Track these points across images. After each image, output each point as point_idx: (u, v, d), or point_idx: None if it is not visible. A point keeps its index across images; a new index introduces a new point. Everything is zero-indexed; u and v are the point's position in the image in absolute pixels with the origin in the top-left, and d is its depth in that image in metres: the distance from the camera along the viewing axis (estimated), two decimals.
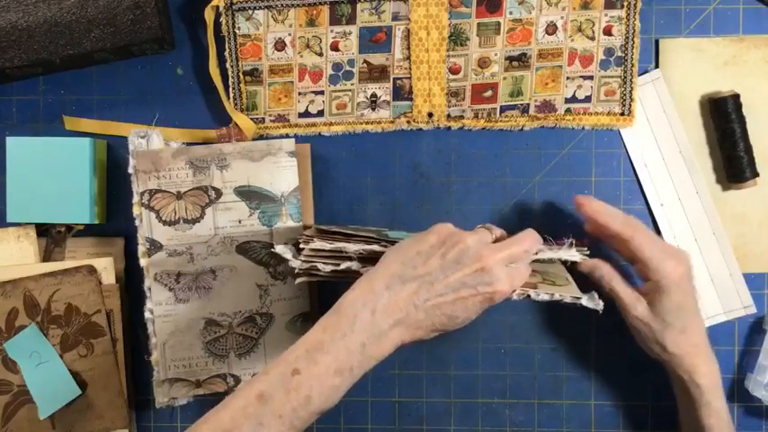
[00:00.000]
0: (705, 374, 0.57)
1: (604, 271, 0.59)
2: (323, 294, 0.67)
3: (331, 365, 0.48)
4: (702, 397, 0.57)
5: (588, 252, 0.59)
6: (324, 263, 0.55)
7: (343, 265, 0.55)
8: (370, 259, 0.54)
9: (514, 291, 0.52)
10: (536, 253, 0.54)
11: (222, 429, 0.47)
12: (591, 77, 0.65)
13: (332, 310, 0.50)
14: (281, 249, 0.58)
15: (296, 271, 0.57)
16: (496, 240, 0.55)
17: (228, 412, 0.48)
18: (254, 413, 0.47)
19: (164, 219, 0.63)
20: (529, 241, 0.54)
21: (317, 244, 0.55)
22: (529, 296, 0.53)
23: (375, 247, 0.54)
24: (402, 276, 0.50)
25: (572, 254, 0.57)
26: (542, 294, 0.53)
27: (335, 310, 0.50)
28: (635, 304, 0.57)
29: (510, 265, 0.52)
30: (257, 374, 0.50)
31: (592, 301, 0.55)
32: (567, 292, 0.55)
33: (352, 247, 0.55)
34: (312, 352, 0.48)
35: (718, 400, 0.57)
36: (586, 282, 0.59)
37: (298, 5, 0.65)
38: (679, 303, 0.56)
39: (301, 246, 0.57)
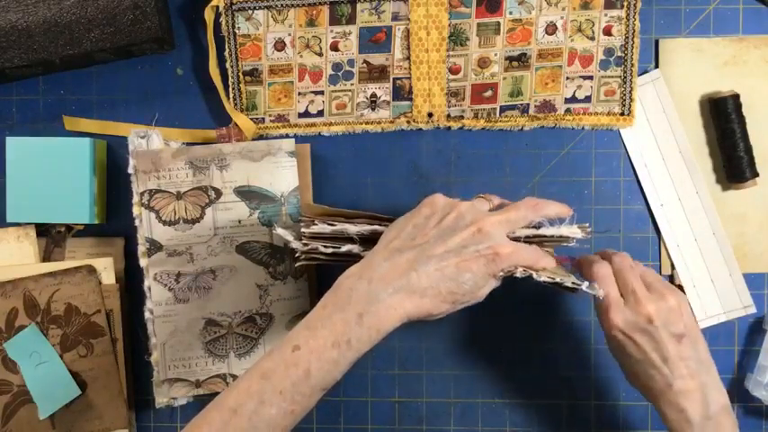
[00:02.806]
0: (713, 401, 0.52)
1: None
2: (323, 294, 0.67)
3: (328, 338, 0.48)
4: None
5: (590, 229, 0.56)
6: (324, 245, 0.55)
7: (345, 248, 0.55)
8: (372, 241, 0.54)
9: (518, 267, 0.51)
10: (538, 228, 0.53)
11: (228, 409, 0.47)
12: (591, 77, 0.65)
13: (333, 286, 0.50)
14: (282, 232, 0.58)
15: (296, 254, 0.57)
16: (496, 209, 0.54)
17: (233, 393, 0.48)
18: (256, 391, 0.47)
19: (164, 219, 0.63)
20: (525, 207, 0.52)
21: (318, 227, 0.55)
22: (531, 276, 0.52)
23: (377, 227, 0.54)
24: (400, 249, 0.50)
25: (574, 230, 0.55)
26: (544, 276, 0.52)
27: (335, 285, 0.50)
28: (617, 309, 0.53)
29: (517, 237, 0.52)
30: (263, 355, 0.50)
31: (592, 289, 0.54)
32: (569, 279, 0.54)
33: (353, 229, 0.54)
34: (311, 327, 0.48)
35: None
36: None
37: (297, 5, 0.65)
38: (619, 347, 0.53)
39: (302, 229, 0.56)
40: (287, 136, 0.67)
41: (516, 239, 0.53)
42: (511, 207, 0.52)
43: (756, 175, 0.64)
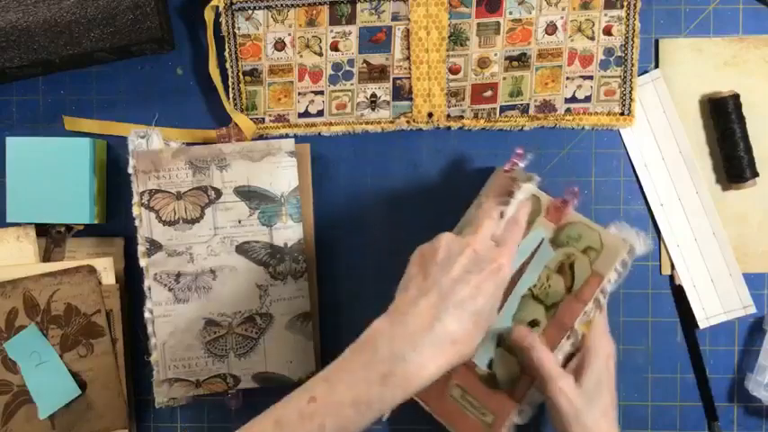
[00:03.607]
0: None
1: (531, 340, 0.54)
2: (323, 294, 0.67)
3: (347, 395, 0.45)
4: None
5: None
6: None
7: None
8: None
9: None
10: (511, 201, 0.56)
11: None
12: (591, 77, 0.65)
13: (360, 337, 0.48)
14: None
15: None
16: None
17: None
18: None
19: (163, 219, 0.63)
20: (487, 212, 0.54)
21: None
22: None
23: None
24: (415, 300, 0.48)
25: (531, 189, 0.57)
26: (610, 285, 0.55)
27: (362, 337, 0.48)
28: (561, 376, 0.53)
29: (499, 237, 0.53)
30: (280, 400, 0.48)
31: (642, 245, 0.55)
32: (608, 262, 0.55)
33: None
34: (330, 380, 0.46)
35: None
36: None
37: (297, 5, 0.65)
38: (601, 380, 0.54)
39: None
40: (287, 136, 0.67)
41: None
42: (481, 221, 0.53)
43: (756, 175, 0.64)
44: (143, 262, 0.64)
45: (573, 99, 0.66)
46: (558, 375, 0.53)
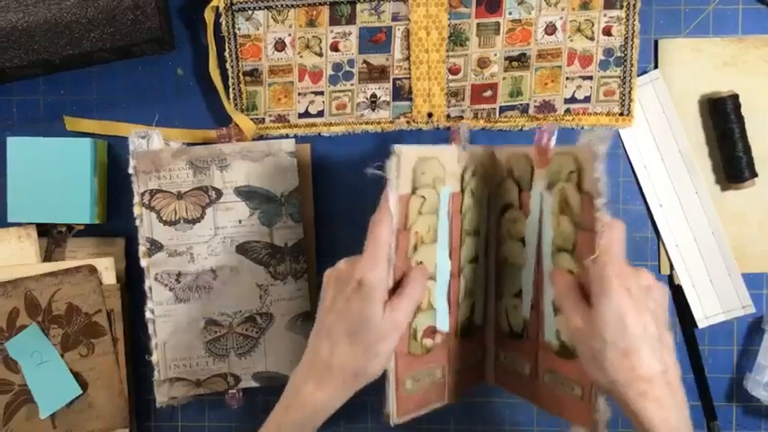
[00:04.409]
0: (656, 421, 0.45)
1: (558, 281, 0.52)
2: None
3: (271, 424, 0.52)
4: None
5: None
6: None
7: None
8: None
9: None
10: None
11: None
12: (590, 78, 0.65)
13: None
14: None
15: None
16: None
17: None
18: None
19: (164, 219, 0.64)
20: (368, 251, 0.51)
21: None
22: None
23: None
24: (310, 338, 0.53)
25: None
26: None
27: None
28: (577, 314, 0.48)
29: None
30: None
31: (600, 139, 0.49)
32: None
33: None
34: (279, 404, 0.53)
35: None
36: None
37: (297, 6, 0.65)
38: (621, 315, 0.46)
39: None
40: (287, 136, 0.67)
41: None
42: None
43: (755, 175, 0.65)
44: (144, 262, 0.64)
45: (572, 99, 0.66)
46: (571, 314, 0.48)
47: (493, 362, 0.63)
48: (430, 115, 0.66)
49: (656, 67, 0.66)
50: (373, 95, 0.67)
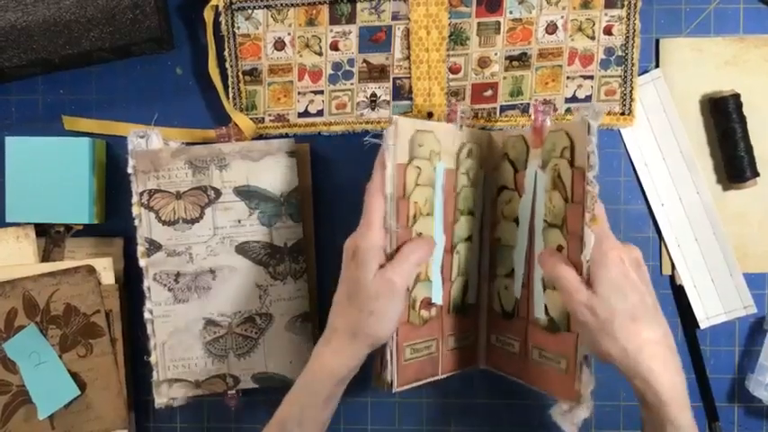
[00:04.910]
0: (666, 384, 0.49)
1: (549, 259, 0.54)
2: (322, 294, 0.67)
3: (296, 386, 0.56)
4: (665, 413, 0.49)
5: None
6: None
7: None
8: None
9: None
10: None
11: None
12: (591, 77, 0.65)
13: None
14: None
15: None
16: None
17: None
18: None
19: (163, 219, 0.63)
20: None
21: None
22: None
23: None
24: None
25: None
26: None
27: None
28: (579, 290, 0.50)
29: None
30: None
31: (593, 113, 0.51)
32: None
33: None
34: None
35: (684, 417, 0.49)
36: None
37: (297, 5, 0.65)
38: (621, 285, 0.49)
39: None
40: (286, 136, 0.67)
41: None
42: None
43: (757, 174, 0.64)
44: (142, 262, 0.63)
45: (573, 99, 0.66)
46: (575, 289, 0.50)
47: (485, 345, 0.64)
48: (430, 114, 0.66)
49: (657, 66, 0.66)
50: (373, 95, 0.66)
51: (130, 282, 0.67)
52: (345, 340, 0.53)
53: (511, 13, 0.65)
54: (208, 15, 0.65)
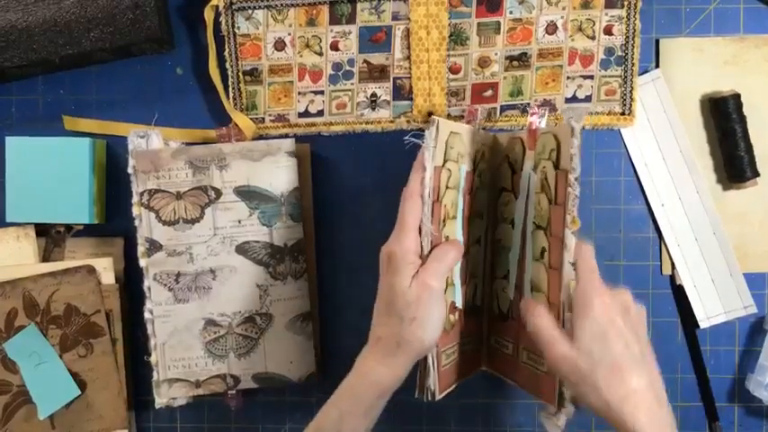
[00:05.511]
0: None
1: (528, 307, 0.53)
2: (322, 294, 0.67)
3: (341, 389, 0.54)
4: None
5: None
6: None
7: None
8: None
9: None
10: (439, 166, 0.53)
11: None
12: (591, 77, 0.65)
13: None
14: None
15: None
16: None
17: None
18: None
19: (163, 219, 0.63)
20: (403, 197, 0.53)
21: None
22: None
23: None
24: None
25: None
26: None
27: None
28: (557, 341, 0.49)
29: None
30: None
31: (576, 115, 0.51)
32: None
33: None
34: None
35: None
36: None
37: (297, 5, 0.65)
38: (604, 333, 0.48)
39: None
40: (287, 136, 0.67)
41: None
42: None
43: (757, 174, 0.64)
44: (143, 262, 0.63)
45: (573, 99, 0.66)
46: (554, 341, 0.49)
47: (486, 347, 0.64)
48: (430, 114, 0.66)
49: (657, 66, 0.66)
50: (373, 95, 0.66)
51: (131, 282, 0.67)
52: (390, 350, 0.51)
53: (511, 13, 0.65)
54: (208, 15, 0.65)
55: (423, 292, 0.50)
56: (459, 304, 0.58)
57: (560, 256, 0.51)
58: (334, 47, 0.66)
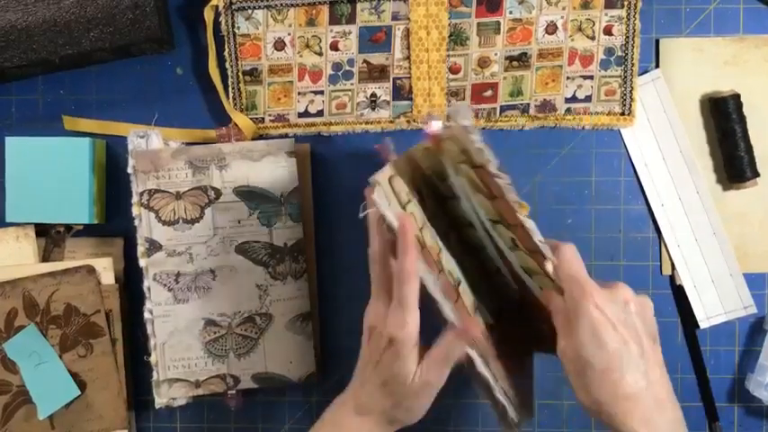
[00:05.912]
0: None
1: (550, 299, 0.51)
2: (323, 294, 0.67)
3: None
4: None
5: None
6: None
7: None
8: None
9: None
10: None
11: None
12: (591, 77, 0.65)
13: None
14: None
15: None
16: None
17: None
18: None
19: (163, 219, 0.63)
20: (372, 268, 0.53)
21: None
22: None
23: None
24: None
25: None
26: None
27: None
28: (559, 335, 0.48)
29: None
30: None
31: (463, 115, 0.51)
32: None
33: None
34: None
35: None
36: None
37: (297, 5, 0.65)
38: (596, 333, 0.45)
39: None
40: (287, 136, 0.67)
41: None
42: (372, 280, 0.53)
43: (757, 174, 0.64)
44: (142, 262, 0.63)
45: (573, 99, 0.66)
46: (558, 336, 0.48)
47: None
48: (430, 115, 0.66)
49: (657, 66, 0.66)
50: (373, 95, 0.66)
51: (130, 282, 0.67)
52: (380, 424, 0.52)
53: (511, 13, 0.65)
54: (208, 15, 0.65)
55: (425, 388, 0.51)
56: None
57: (531, 240, 0.50)
58: (334, 47, 0.66)
